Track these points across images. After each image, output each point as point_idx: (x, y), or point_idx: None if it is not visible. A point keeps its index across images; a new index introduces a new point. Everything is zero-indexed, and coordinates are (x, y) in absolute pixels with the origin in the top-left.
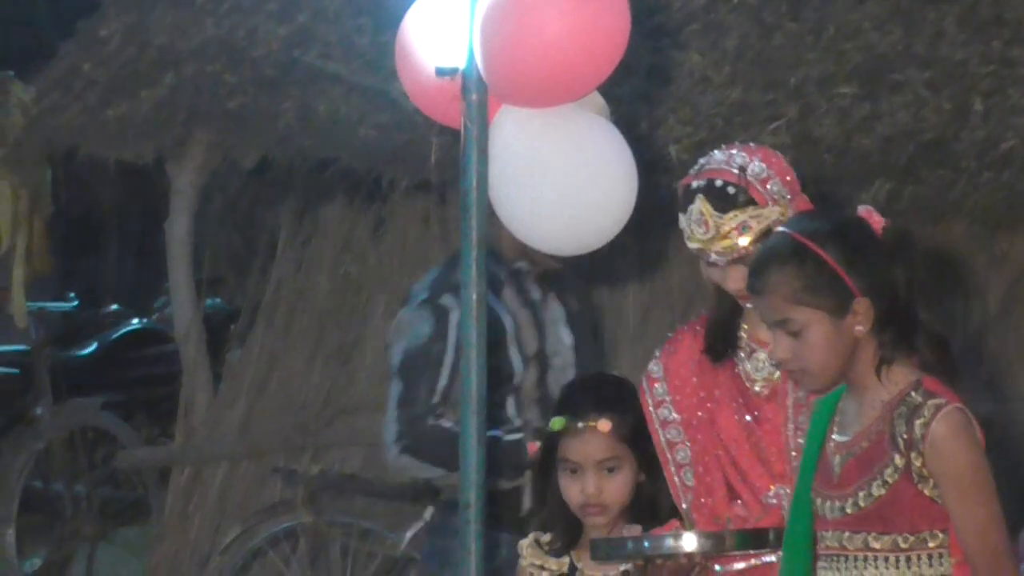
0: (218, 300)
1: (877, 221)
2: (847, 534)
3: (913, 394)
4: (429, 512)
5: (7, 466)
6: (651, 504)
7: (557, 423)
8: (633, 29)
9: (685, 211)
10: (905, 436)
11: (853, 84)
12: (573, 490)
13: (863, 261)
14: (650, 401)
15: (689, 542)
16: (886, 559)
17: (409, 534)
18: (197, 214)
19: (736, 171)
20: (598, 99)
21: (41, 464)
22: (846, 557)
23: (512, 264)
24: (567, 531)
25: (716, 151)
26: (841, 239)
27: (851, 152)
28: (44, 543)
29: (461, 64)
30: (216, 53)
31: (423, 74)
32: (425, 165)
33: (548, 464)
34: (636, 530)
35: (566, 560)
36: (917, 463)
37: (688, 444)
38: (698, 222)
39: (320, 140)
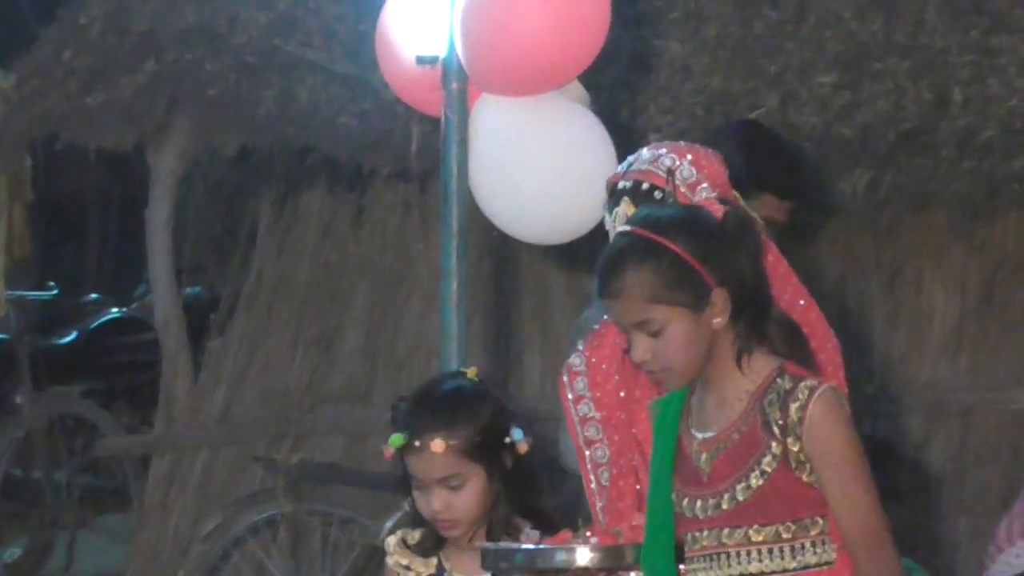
0: (198, 288)
1: (717, 209)
2: (726, 530)
3: (779, 380)
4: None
5: None
6: (509, 517)
7: (396, 440)
8: (613, 17)
9: (611, 212)
10: (780, 422)
11: (833, 73)
12: (422, 504)
13: (714, 251)
14: (570, 395)
15: (583, 556)
16: (769, 551)
17: (389, 523)
18: (177, 202)
19: (664, 174)
20: (579, 88)
21: (21, 452)
22: (727, 554)
23: None
24: (434, 532)
25: (645, 149)
26: (690, 231)
27: (831, 141)
28: (24, 531)
29: (441, 52)
30: (197, 40)
31: (403, 62)
32: (406, 153)
33: (401, 470)
34: (534, 537)
35: (434, 560)
36: (794, 448)
37: (606, 443)
38: (623, 226)
39: (301, 128)
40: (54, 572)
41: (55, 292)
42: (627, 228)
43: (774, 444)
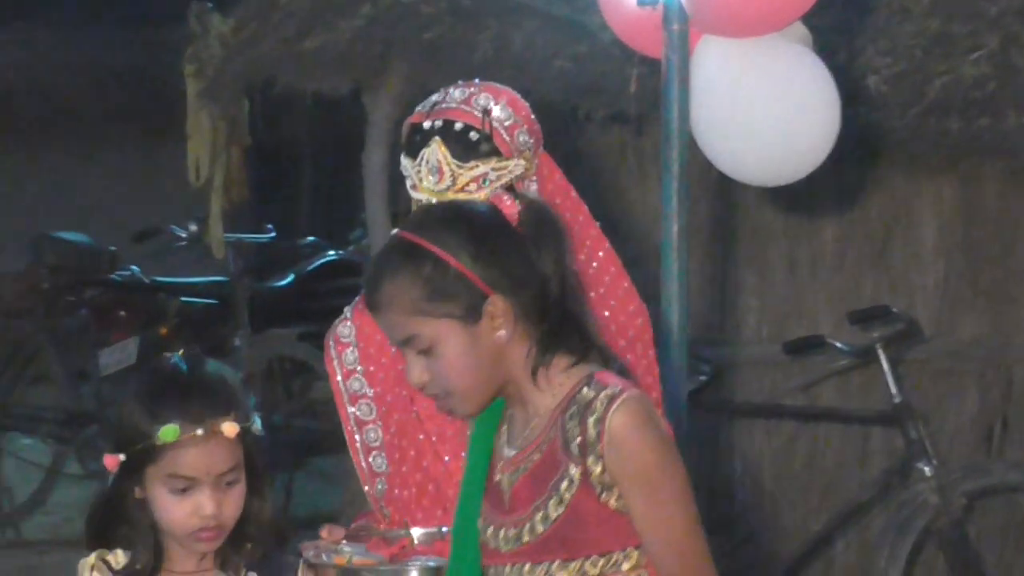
0: None
1: (509, 206)
2: (527, 566)
3: (585, 390)
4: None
5: None
6: (256, 520)
7: (169, 433)
8: None
9: (414, 155)
10: (579, 439)
11: None
12: (181, 512)
13: (494, 253)
14: (338, 370)
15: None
16: None
17: None
18: (393, 146)
19: (479, 114)
20: (801, 29)
21: None
22: None
23: None
24: (153, 551)
25: (453, 88)
26: (463, 232)
27: None
28: None
29: None
30: None
31: (624, 4)
32: (620, 97)
33: (130, 478)
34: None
35: None
36: (596, 469)
37: (380, 424)
38: (433, 170)
39: (516, 71)
40: None
41: (272, 235)
42: (396, 230)
43: (572, 467)
